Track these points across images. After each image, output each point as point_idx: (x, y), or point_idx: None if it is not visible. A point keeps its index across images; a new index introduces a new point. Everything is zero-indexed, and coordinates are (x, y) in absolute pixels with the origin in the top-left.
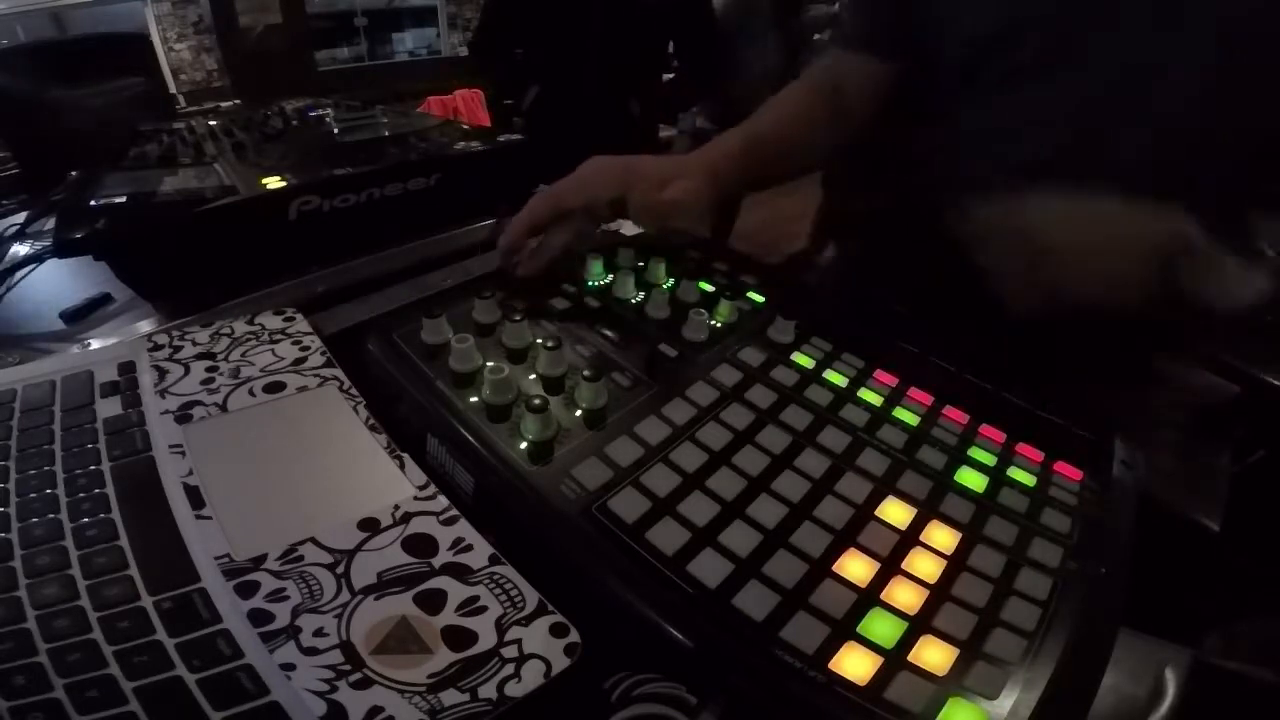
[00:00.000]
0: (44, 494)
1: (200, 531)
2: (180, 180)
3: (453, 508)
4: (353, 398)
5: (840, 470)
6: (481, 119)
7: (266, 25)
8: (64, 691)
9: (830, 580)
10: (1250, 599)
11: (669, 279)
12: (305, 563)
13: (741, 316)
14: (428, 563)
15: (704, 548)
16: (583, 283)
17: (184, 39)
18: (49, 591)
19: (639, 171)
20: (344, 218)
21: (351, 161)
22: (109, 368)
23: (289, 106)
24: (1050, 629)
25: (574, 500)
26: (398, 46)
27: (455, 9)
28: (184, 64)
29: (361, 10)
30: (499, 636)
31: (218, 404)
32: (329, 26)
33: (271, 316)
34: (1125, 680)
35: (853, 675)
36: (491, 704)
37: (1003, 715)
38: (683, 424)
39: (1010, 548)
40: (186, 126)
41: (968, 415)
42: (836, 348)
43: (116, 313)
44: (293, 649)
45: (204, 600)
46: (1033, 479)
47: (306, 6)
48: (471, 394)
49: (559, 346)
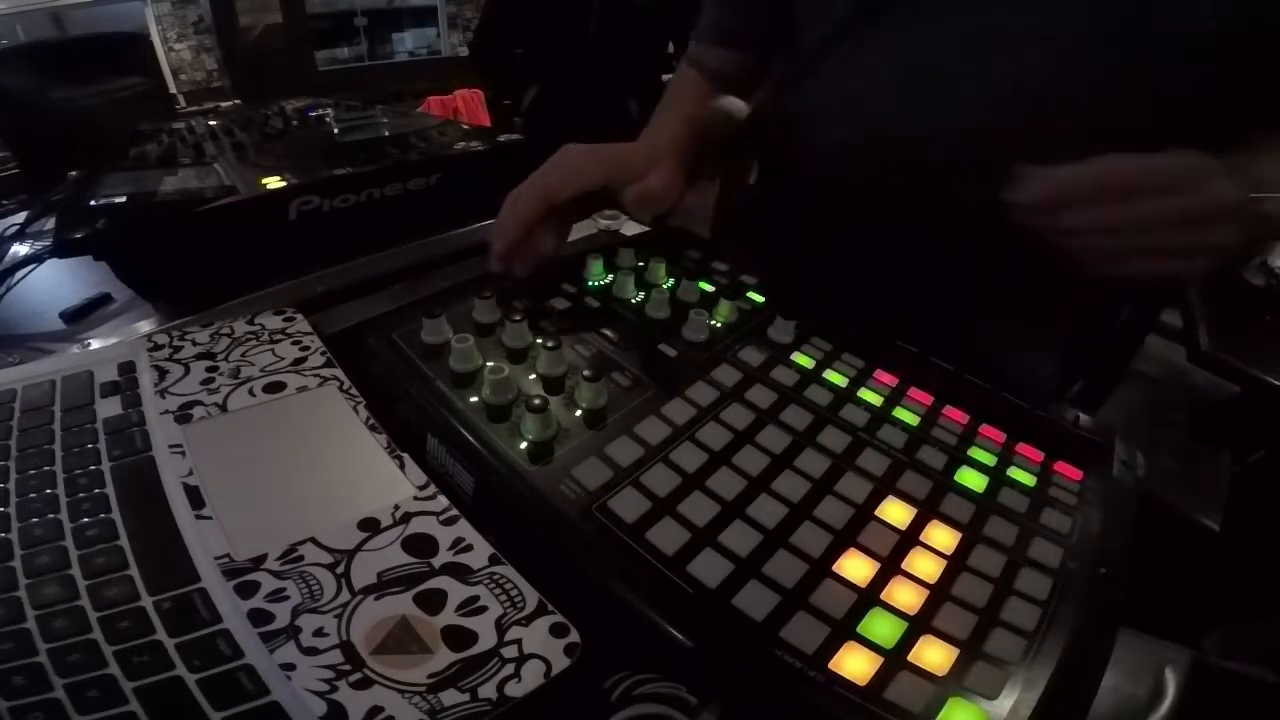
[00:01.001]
0: (44, 494)
1: (200, 531)
2: (180, 180)
3: (453, 508)
4: (353, 398)
5: (840, 470)
6: (481, 119)
7: (266, 25)
8: (64, 691)
9: (830, 580)
10: (1250, 599)
11: (669, 279)
12: (305, 563)
13: (741, 316)
14: (428, 563)
15: (704, 548)
16: (583, 283)
17: (184, 39)
18: (49, 591)
19: (619, 160)
20: (344, 218)
21: (351, 161)
22: (109, 368)
23: (289, 106)
24: (1050, 629)
25: (574, 500)
26: (398, 46)
27: (455, 9)
28: (184, 64)
29: (361, 10)
30: (499, 636)
31: (218, 404)
32: (329, 26)
33: (271, 316)
34: (1125, 680)
35: (853, 675)
36: (491, 704)
37: (1003, 715)
38: (683, 424)
39: (1010, 548)
40: (186, 126)
41: (968, 415)
42: (836, 348)
43: (116, 313)
44: (293, 649)
45: (204, 600)
46: (1033, 479)
47: (306, 6)
48: (471, 394)
49: (559, 346)
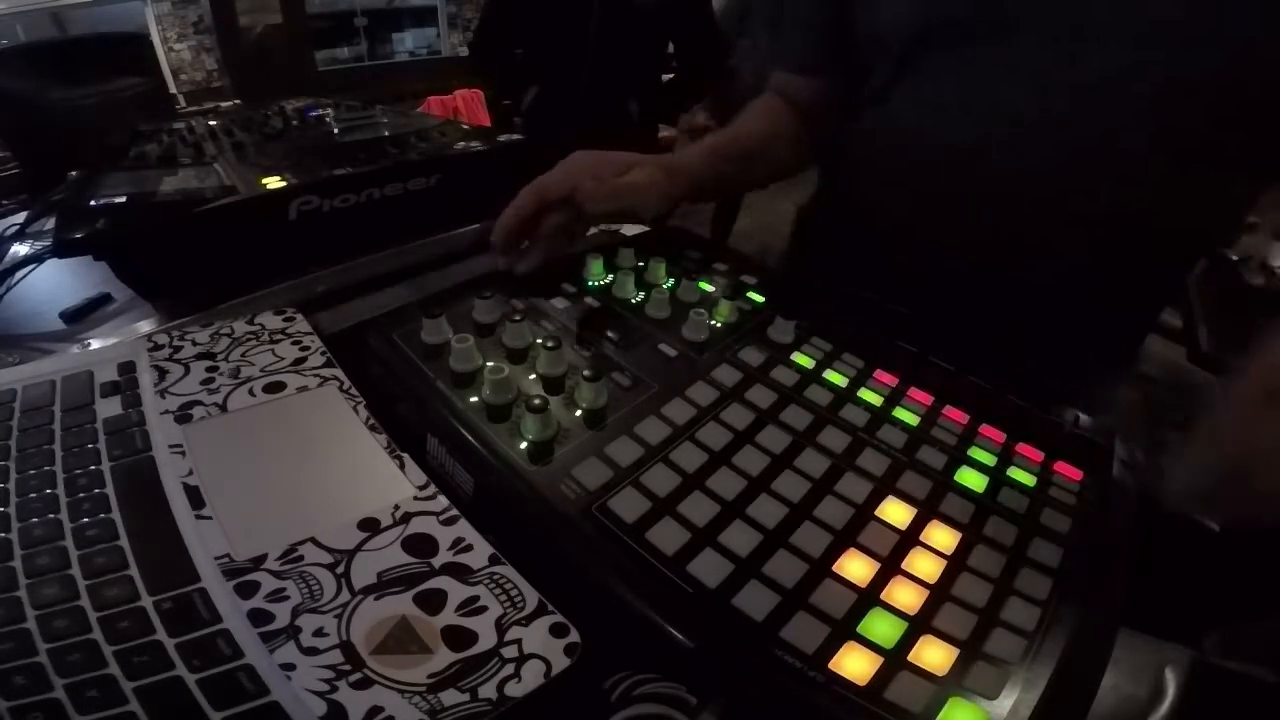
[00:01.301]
0: (44, 494)
1: (200, 531)
2: (180, 180)
3: (453, 508)
4: (353, 398)
5: (840, 470)
6: (481, 119)
7: (266, 25)
8: (64, 691)
9: (830, 580)
10: (1250, 599)
11: (669, 279)
12: (305, 563)
13: (741, 316)
14: (428, 563)
15: (704, 548)
16: (583, 283)
17: (184, 39)
18: (49, 591)
19: (608, 159)
20: (344, 218)
21: (351, 161)
22: (109, 368)
23: (289, 106)
24: (1050, 629)
25: (574, 500)
26: (398, 46)
27: (455, 9)
28: (184, 64)
29: (361, 10)
30: (499, 636)
31: (218, 404)
32: (329, 26)
33: (271, 316)
34: (1125, 680)
35: (853, 675)
36: (491, 704)
37: (1003, 715)
38: (683, 424)
39: (1010, 548)
40: (186, 126)
41: (968, 415)
42: (836, 348)
43: (116, 313)
44: (293, 649)
45: (204, 600)
46: (1033, 479)
47: (306, 6)
48: (471, 394)
49: (559, 346)
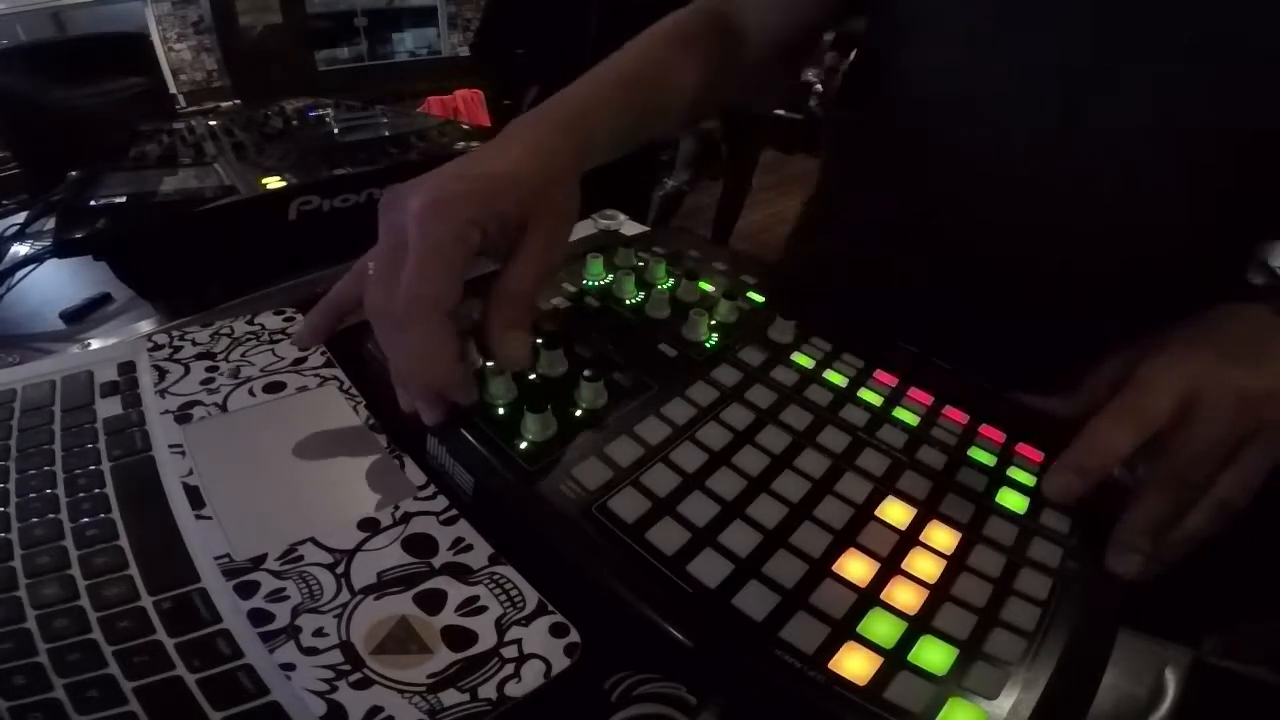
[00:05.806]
0: (44, 494)
1: (200, 531)
2: (180, 180)
3: (453, 508)
4: (353, 398)
5: (840, 470)
6: (481, 119)
7: (266, 25)
8: (64, 691)
9: (830, 580)
10: (1250, 599)
11: (669, 279)
12: (305, 563)
13: (741, 316)
14: (427, 563)
15: (704, 548)
16: (583, 283)
17: (184, 39)
18: (49, 591)
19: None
20: (344, 218)
21: (351, 161)
22: (109, 368)
23: (289, 106)
24: (1050, 629)
25: (574, 500)
26: (398, 46)
27: (455, 9)
28: (184, 64)
29: (361, 10)
30: (499, 636)
31: (218, 404)
32: (329, 26)
33: (271, 316)
34: (1125, 680)
35: (853, 675)
36: (491, 704)
37: (1003, 715)
38: (683, 424)
39: (1010, 548)
40: (186, 126)
41: (968, 415)
42: (836, 348)
43: (116, 313)
44: (292, 649)
45: (204, 600)
46: (1033, 479)
47: (306, 6)
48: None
49: (559, 347)
